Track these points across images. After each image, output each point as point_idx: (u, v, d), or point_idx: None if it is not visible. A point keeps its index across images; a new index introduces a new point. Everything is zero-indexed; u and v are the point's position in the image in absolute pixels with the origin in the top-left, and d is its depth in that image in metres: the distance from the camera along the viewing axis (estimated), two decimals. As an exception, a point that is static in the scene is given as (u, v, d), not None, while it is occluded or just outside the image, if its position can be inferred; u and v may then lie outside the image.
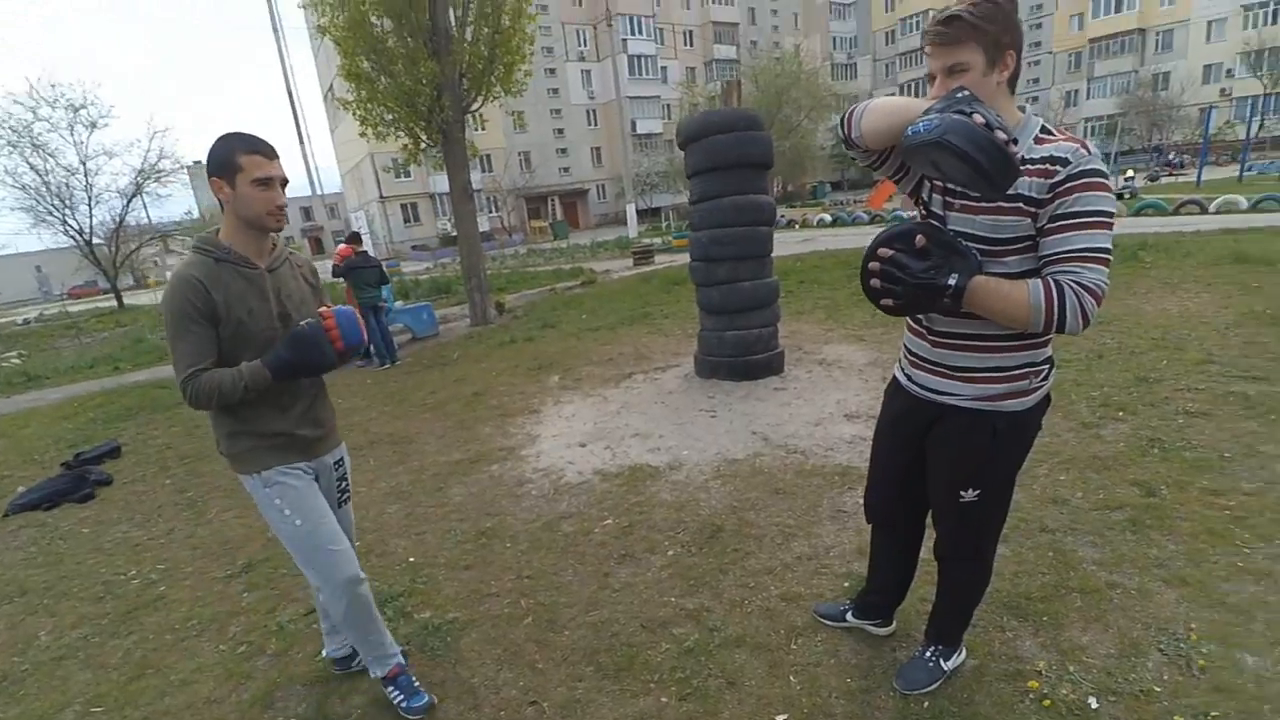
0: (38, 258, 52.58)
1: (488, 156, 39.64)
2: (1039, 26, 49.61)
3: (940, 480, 1.65)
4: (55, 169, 22.60)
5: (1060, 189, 1.25)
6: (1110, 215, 1.25)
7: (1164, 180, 27.05)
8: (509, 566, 2.87)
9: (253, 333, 1.62)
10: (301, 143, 21.55)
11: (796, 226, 22.42)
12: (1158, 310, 5.88)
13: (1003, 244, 1.33)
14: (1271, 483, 2.78)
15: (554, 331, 8.58)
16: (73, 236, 23.83)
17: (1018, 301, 1.27)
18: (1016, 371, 1.43)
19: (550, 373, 6.37)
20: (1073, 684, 1.82)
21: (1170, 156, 33.21)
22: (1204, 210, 13.39)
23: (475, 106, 10.05)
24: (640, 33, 45.95)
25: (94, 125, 22.57)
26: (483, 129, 34.76)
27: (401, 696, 2.00)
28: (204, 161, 1.61)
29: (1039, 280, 1.27)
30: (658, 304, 9.63)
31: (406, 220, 40.22)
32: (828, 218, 22.78)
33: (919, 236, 1.32)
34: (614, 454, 4.04)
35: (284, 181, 1.64)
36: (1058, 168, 1.25)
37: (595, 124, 47.38)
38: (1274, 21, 37.68)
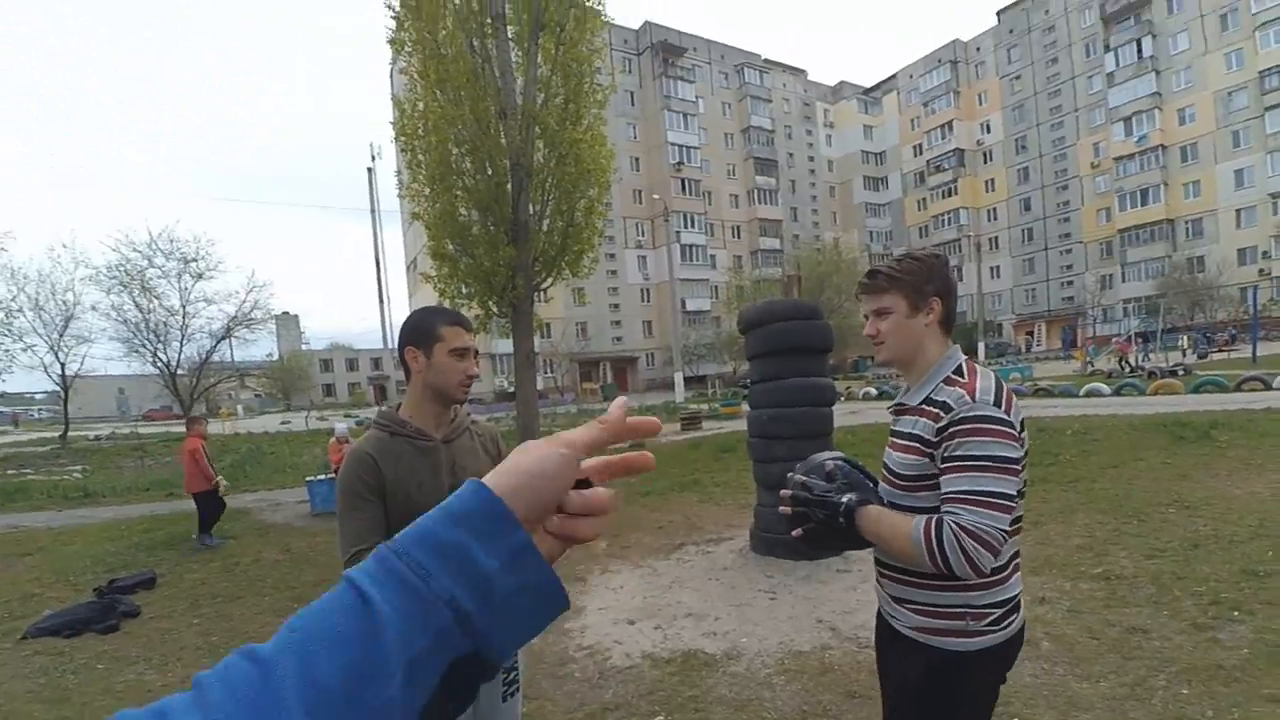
0: (122, 380, 56.49)
1: (548, 325, 42.82)
2: (1066, 220, 52.77)
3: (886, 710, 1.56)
4: (158, 309, 24.41)
5: (945, 434, 1.31)
6: (999, 460, 1.25)
7: (1215, 356, 26.43)
8: (549, 765, 2.56)
9: (422, 507, 1.60)
10: (381, 302, 23.63)
11: (842, 399, 22.48)
12: (1247, 494, 5.47)
13: (911, 480, 1.39)
14: None
15: (602, 495, 8.44)
16: (159, 368, 25.60)
17: (903, 534, 1.30)
18: (951, 610, 1.37)
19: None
20: None
21: (1217, 334, 32.83)
22: (1268, 386, 12.92)
23: (545, 285, 11.09)
24: (693, 227, 51.27)
25: (200, 276, 24.70)
26: (545, 301, 37.84)
27: None
28: (294, 315, 1.70)
29: (925, 517, 1.29)
30: (708, 471, 9.49)
31: (467, 377, 42.74)
32: (873, 390, 22.85)
33: (829, 463, 1.46)
34: (665, 635, 3.74)
35: (476, 353, 1.69)
36: (942, 413, 1.32)
37: (648, 300, 51.11)
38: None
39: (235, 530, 7.55)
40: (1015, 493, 1.27)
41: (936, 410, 1.33)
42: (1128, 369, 22.17)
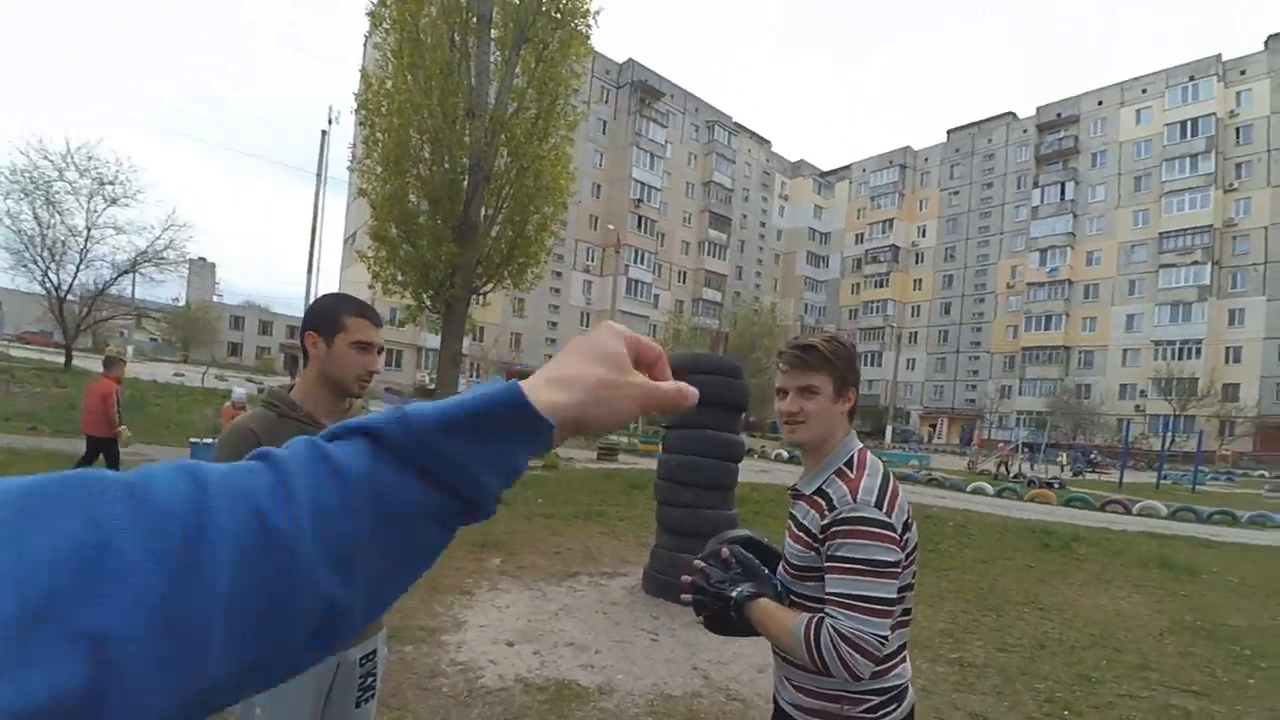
0: (1, 293, 50.53)
1: (481, 328, 41.91)
2: (979, 330, 57.73)
3: None
4: (58, 225, 22.27)
5: (827, 531, 1.31)
6: (877, 564, 1.25)
7: (1088, 475, 29.24)
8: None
9: None
10: (310, 270, 22.42)
11: (755, 456, 23.14)
12: (1094, 604, 6.02)
13: (801, 570, 1.40)
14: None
15: (506, 509, 8.24)
16: (47, 289, 23.08)
17: (787, 630, 1.31)
18: (828, 693, 1.37)
19: (493, 553, 6.00)
20: None
21: (1093, 456, 36.48)
22: (1128, 510, 14.46)
23: (484, 290, 10.93)
24: (641, 263, 52.20)
25: (114, 201, 22.68)
26: (483, 305, 37.19)
27: None
28: (211, 263, 1.59)
29: (806, 617, 1.31)
30: (614, 504, 9.47)
31: (389, 364, 40.84)
32: (785, 454, 23.69)
33: (725, 550, 1.47)
34: (543, 661, 3.67)
35: (380, 349, 1.64)
36: (826, 510, 1.32)
37: (587, 325, 51.15)
38: (1179, 357, 44.34)
39: None
40: (894, 595, 1.26)
41: (823, 503, 1.33)
42: (1007, 474, 24.19)
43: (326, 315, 1.57)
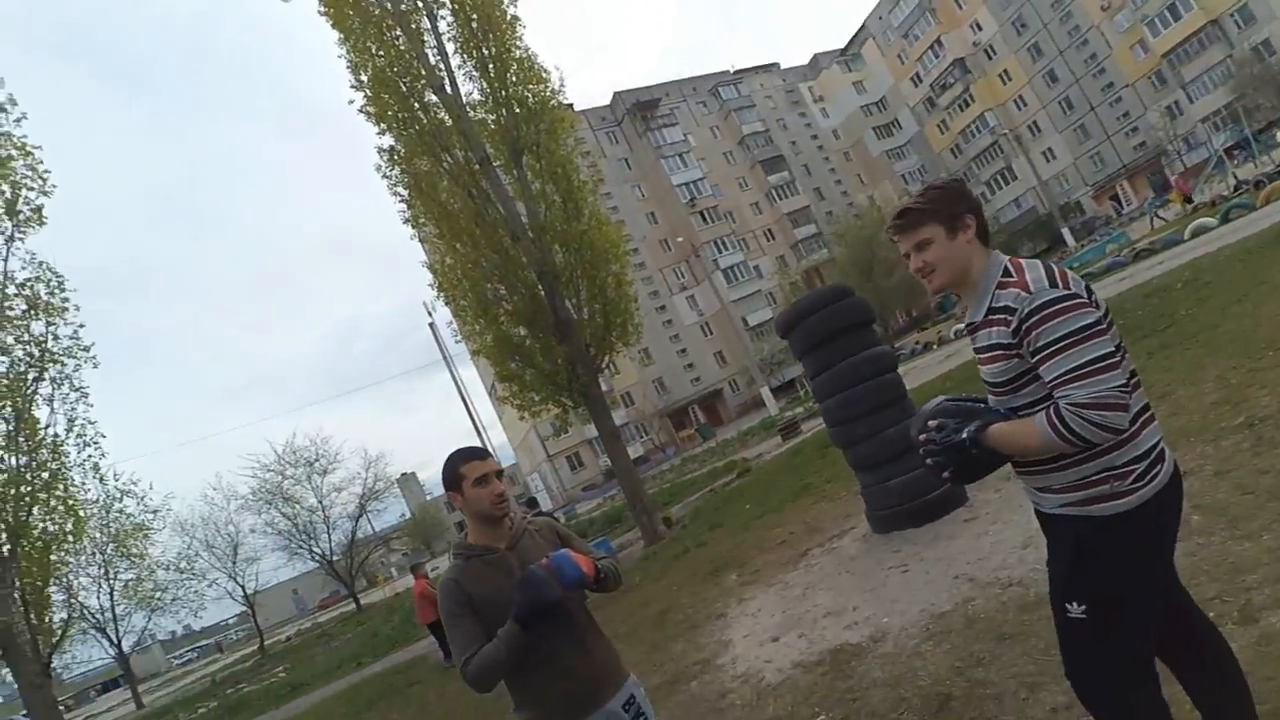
0: (293, 582, 62.82)
1: (628, 393, 43.86)
2: (1101, 72, 48.76)
3: (1051, 592, 1.56)
4: (301, 512, 28.04)
5: (1021, 333, 1.35)
6: (1081, 329, 1.29)
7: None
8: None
9: (507, 606, 1.82)
10: (479, 433, 25.56)
11: (935, 347, 21.31)
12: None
13: (1008, 384, 1.44)
14: None
15: (722, 530, 8.53)
16: (318, 560, 28.56)
17: (1031, 434, 1.35)
18: (1093, 479, 1.39)
19: (728, 572, 6.25)
20: None
21: None
22: None
23: (603, 364, 11.67)
24: (726, 249, 51.66)
25: (325, 472, 28.33)
26: (615, 374, 38.97)
27: None
28: (411, 473, 2.09)
29: (1044, 411, 1.34)
30: (815, 471, 9.34)
31: (574, 468, 44.28)
32: (962, 326, 21.57)
33: (931, 411, 1.53)
34: (810, 641, 3.79)
35: (499, 472, 1.87)
36: (1010, 317, 1.37)
37: (710, 333, 51.29)
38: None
39: (418, 675, 8.28)
40: (1113, 349, 1.30)
41: (1003, 315, 1.38)
42: (1190, 208, 19.64)
43: (449, 474, 1.92)
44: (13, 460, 10.28)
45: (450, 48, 11.41)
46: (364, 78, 10.98)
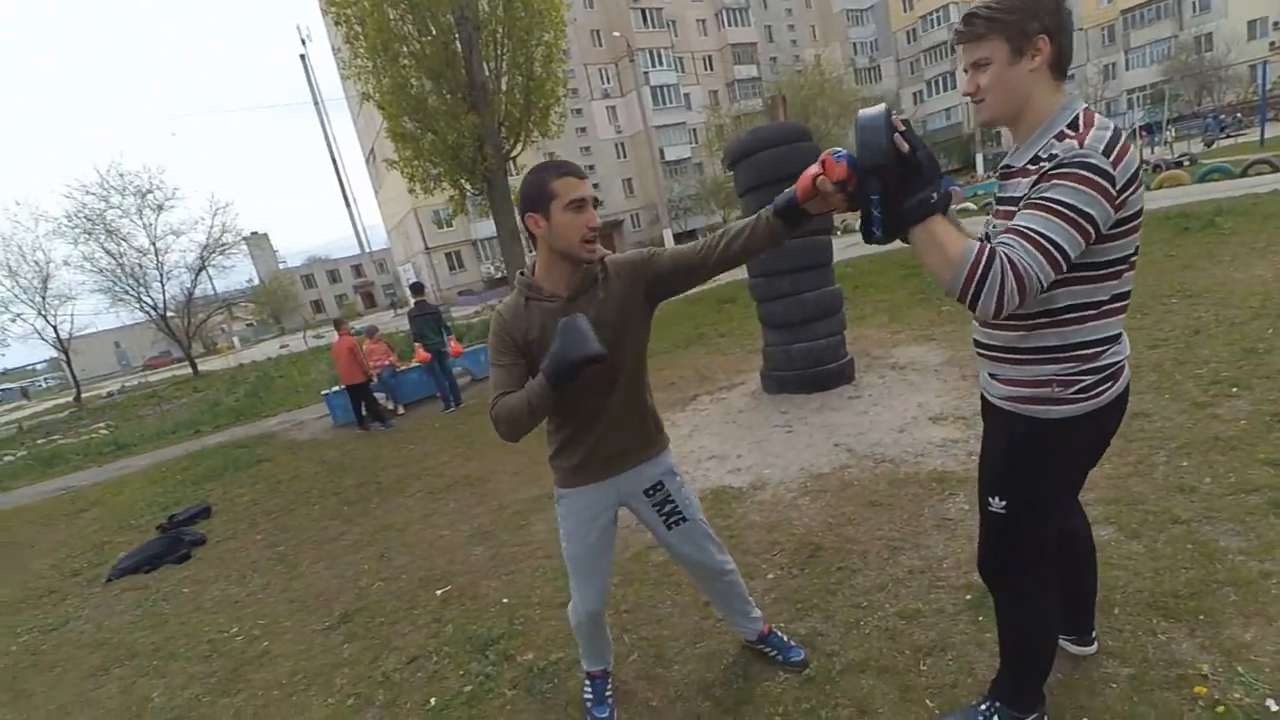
0: (115, 334, 56.92)
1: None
2: (1072, 9, 48.17)
3: (980, 484, 1.57)
4: (128, 251, 24.20)
5: (1043, 177, 1.17)
6: (1079, 212, 1.12)
7: (1222, 142, 25.55)
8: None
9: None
10: (348, 204, 22.82)
11: (839, 233, 22.00)
12: (1250, 277, 5.51)
13: None
14: None
15: (606, 362, 8.58)
16: (148, 312, 25.51)
17: (956, 247, 1.17)
18: (1040, 380, 1.35)
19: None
20: (1245, 686, 1.64)
21: (1223, 118, 31.41)
22: (1275, 169, 12.66)
23: (516, 152, 10.39)
24: (661, 64, 46.91)
25: (160, 208, 24.12)
26: (517, 173, 36.05)
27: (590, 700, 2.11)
28: (263, 234, 1.55)
29: (980, 242, 1.18)
30: (710, 324, 9.56)
31: (452, 268, 41.62)
32: (853, 223, 22.33)
33: (902, 140, 1.21)
34: (692, 478, 3.95)
35: (596, 201, 1.61)
36: (1046, 165, 1.18)
37: (624, 156, 48.30)
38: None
39: (268, 453, 7.80)
40: (1074, 254, 1.15)
41: (1043, 164, 1.18)
42: None
43: (536, 191, 1.54)
44: None
45: None
46: None
